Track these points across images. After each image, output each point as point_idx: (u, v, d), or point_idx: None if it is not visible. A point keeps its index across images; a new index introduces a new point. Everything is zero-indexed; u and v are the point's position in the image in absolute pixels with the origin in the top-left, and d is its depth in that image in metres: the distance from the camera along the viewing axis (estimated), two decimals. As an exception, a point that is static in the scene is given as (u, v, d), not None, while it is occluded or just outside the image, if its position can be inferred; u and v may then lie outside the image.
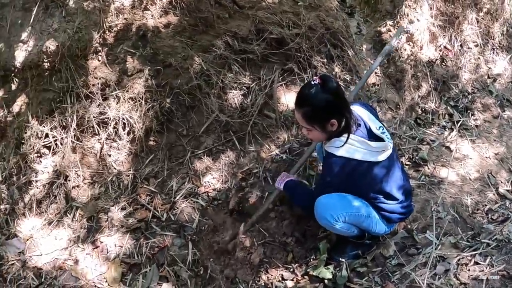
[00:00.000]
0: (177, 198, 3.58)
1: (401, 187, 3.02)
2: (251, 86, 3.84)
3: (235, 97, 3.81)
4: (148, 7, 3.85)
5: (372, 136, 2.83)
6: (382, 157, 2.84)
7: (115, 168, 3.72)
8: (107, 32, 3.74)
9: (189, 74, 3.76)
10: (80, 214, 3.54)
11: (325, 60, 4.06)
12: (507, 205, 3.85)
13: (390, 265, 3.24)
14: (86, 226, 3.50)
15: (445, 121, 4.65)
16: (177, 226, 3.49)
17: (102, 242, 3.42)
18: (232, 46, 3.89)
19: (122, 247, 3.39)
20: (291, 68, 3.96)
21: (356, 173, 2.84)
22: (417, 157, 4.15)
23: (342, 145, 2.74)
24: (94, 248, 3.40)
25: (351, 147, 2.76)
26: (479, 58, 5.22)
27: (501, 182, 4.10)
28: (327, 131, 2.75)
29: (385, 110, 4.36)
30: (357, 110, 2.93)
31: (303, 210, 3.41)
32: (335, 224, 2.94)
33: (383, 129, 2.89)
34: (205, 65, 3.78)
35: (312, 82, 2.61)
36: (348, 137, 2.74)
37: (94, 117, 3.68)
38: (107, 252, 3.39)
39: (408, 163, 4.13)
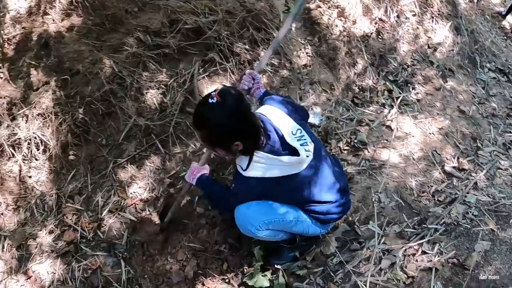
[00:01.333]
0: (103, 214, 3.32)
1: (333, 186, 2.73)
2: (169, 83, 3.53)
3: (153, 97, 3.51)
4: (47, 11, 3.52)
5: (286, 146, 2.49)
6: (303, 165, 2.53)
7: (37, 189, 3.43)
8: (5, 46, 3.42)
9: (100, 79, 3.45)
10: (9, 243, 3.27)
11: (248, 46, 3.74)
12: (454, 184, 3.61)
13: (331, 264, 2.99)
14: (16, 256, 3.23)
15: (384, 98, 4.36)
16: (107, 244, 3.23)
17: (34, 271, 3.16)
18: (145, 42, 3.58)
19: (54, 273, 3.14)
20: (212, 58, 3.65)
21: (273, 189, 2.55)
22: (355, 141, 3.86)
23: (248, 165, 2.44)
24: (27, 279, 3.14)
25: (261, 166, 2.44)
26: (417, 28, 4.93)
27: (447, 159, 3.85)
28: (231, 151, 2.42)
29: (319, 93, 4.06)
30: (270, 112, 2.59)
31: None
32: (257, 233, 2.64)
33: (301, 132, 2.54)
34: (116, 66, 3.47)
35: (210, 100, 2.23)
36: (252, 156, 2.42)
37: (4, 139, 3.37)
38: (41, 281, 3.13)
39: (346, 147, 3.84)
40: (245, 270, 3.04)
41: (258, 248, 3.03)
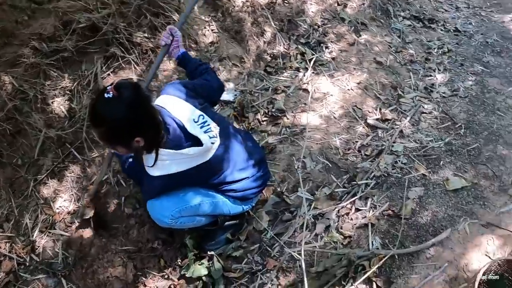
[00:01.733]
0: (35, 235, 3.16)
1: (247, 162, 2.68)
2: (74, 87, 3.39)
3: (60, 105, 3.35)
4: None
5: (188, 137, 2.39)
6: (211, 153, 2.44)
7: (-36, 225, 3.23)
8: None
9: (1, 98, 3.26)
10: (-51, 289, 3.08)
11: (148, 34, 3.62)
12: (379, 136, 3.60)
13: (266, 239, 2.95)
14: (-40, 300, 3.05)
15: (297, 62, 4.30)
16: (44, 265, 3.08)
17: (-19, 313, 2.99)
18: (41, 50, 3.39)
19: (1, 307, 2.97)
20: (114, 53, 3.50)
21: (183, 181, 2.49)
22: (273, 110, 3.80)
23: (154, 164, 2.34)
24: (-25, 321, 2.97)
25: (166, 163, 2.35)
26: (324, -14, 4.89)
27: (369, 112, 3.84)
28: (132, 148, 2.29)
29: (230, 68, 3.99)
30: (168, 103, 2.47)
31: None
32: (173, 223, 2.57)
33: (203, 118, 2.44)
34: (16, 81, 3.29)
35: (105, 95, 2.08)
36: (157, 155, 2.32)
37: None
38: (-11, 319, 2.96)
39: (265, 118, 3.78)
40: (181, 263, 2.96)
41: (189, 238, 2.96)
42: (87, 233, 3.17)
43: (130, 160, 2.69)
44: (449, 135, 3.60)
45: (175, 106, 2.45)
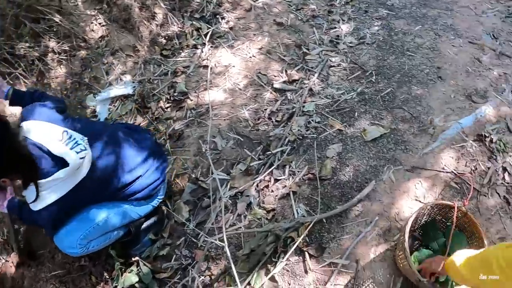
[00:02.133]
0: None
1: (136, 158, 2.52)
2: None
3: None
4: None
5: (56, 160, 2.17)
6: (86, 166, 2.26)
7: None
8: None
9: None
10: None
11: (31, 43, 3.40)
12: (288, 98, 3.52)
13: (190, 230, 2.83)
14: None
15: (194, 39, 4.13)
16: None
17: None
18: None
19: None
20: (-1, 71, 3.29)
21: (74, 204, 2.33)
22: (175, 94, 3.64)
23: (36, 199, 2.16)
24: None
25: (44, 193, 2.17)
26: (212, -44, 4.70)
27: (275, 76, 3.73)
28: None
29: (124, 59, 3.82)
30: (28, 129, 2.19)
31: None
32: (84, 250, 2.42)
33: (67, 134, 2.24)
34: None
35: None
36: (37, 188, 2.13)
37: None
38: None
39: (168, 105, 3.62)
40: (111, 275, 2.81)
41: (111, 248, 2.81)
42: (14, 267, 3.02)
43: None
44: (360, 85, 3.55)
45: (36, 131, 2.20)
